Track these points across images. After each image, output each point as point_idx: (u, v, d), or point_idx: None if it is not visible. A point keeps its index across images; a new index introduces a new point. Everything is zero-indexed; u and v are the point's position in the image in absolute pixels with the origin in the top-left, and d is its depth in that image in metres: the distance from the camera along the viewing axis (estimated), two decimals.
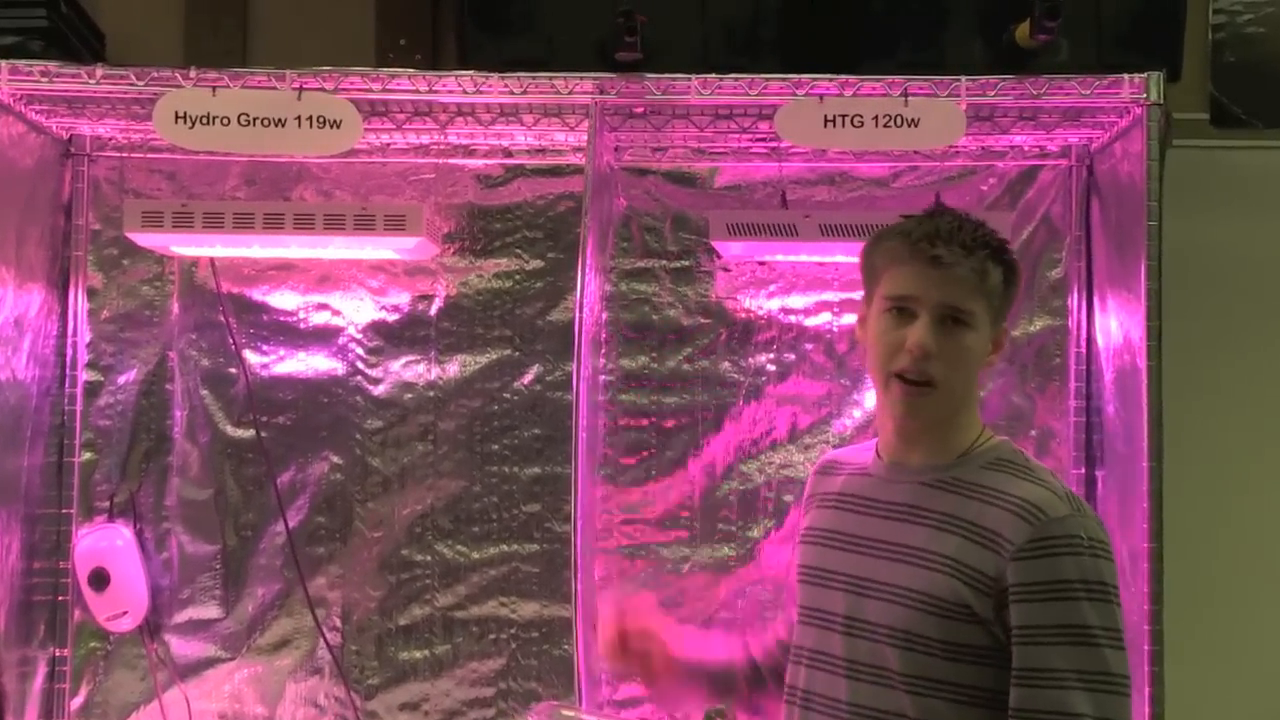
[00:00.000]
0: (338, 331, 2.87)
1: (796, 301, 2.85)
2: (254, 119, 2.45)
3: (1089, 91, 2.44)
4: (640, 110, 2.64)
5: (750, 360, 2.84)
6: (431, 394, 2.87)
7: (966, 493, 1.63)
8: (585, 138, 2.54)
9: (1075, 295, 2.77)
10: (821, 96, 2.45)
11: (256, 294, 2.87)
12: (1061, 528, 1.55)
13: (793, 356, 2.84)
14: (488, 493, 2.86)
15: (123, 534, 2.81)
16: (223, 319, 2.85)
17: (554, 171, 2.87)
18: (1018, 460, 1.67)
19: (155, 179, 2.86)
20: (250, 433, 2.85)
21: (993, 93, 2.45)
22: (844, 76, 2.46)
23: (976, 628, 1.57)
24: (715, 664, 1.95)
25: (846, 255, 2.66)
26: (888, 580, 1.64)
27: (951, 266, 1.62)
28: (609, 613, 1.96)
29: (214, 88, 2.46)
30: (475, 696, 2.84)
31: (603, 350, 2.79)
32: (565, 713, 2.08)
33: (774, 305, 2.85)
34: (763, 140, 2.76)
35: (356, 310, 2.87)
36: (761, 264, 2.84)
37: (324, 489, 2.86)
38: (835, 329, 2.84)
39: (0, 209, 2.56)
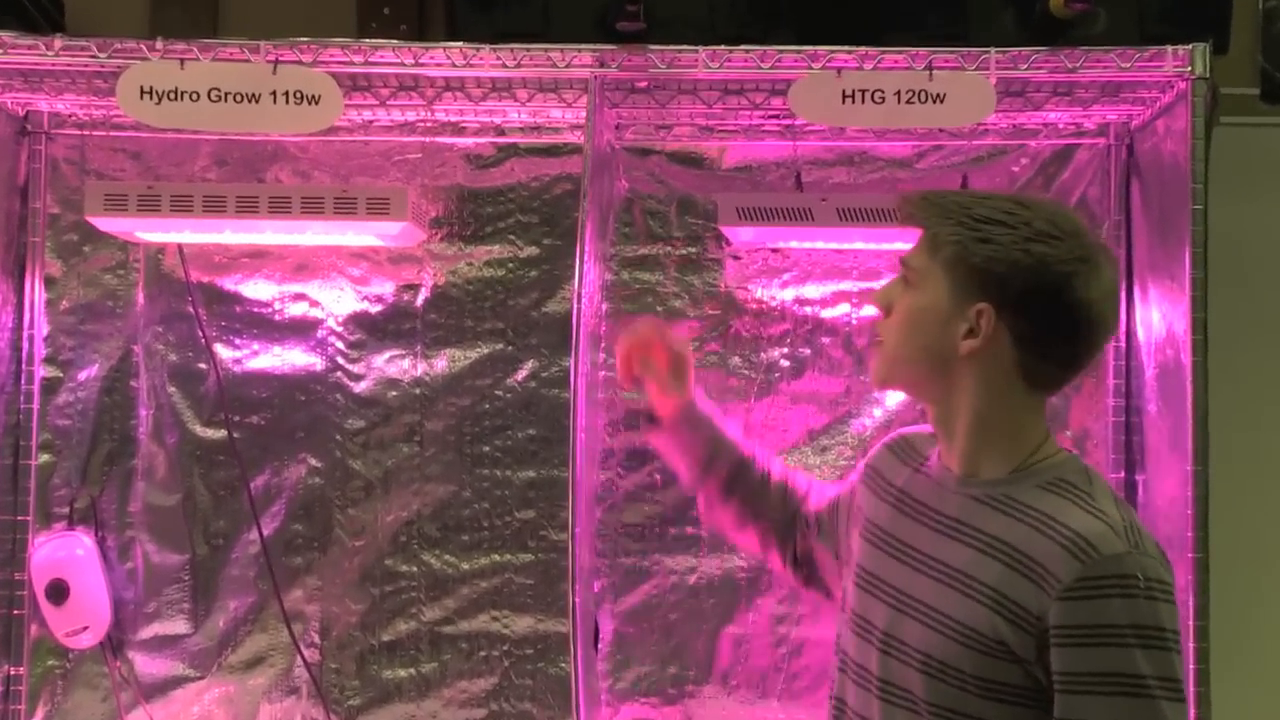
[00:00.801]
0: (316, 324, 2.87)
1: (812, 291, 2.85)
2: (225, 94, 2.45)
3: (1129, 65, 2.44)
4: (643, 85, 2.63)
5: (762, 355, 2.85)
6: (418, 391, 2.87)
7: (1017, 514, 1.60)
8: (584, 115, 2.54)
9: None
10: (839, 70, 2.45)
11: (228, 283, 2.87)
12: (1115, 567, 1.52)
13: (808, 351, 2.84)
14: (478, 498, 2.86)
15: (83, 543, 2.81)
16: (192, 310, 2.85)
17: (550, 151, 2.87)
18: (1079, 483, 1.62)
19: (118, 159, 2.86)
20: (221, 433, 2.85)
21: (1025, 66, 2.45)
22: (864, 48, 2.45)
23: (1014, 666, 1.55)
24: (718, 430, 2.07)
25: (866, 241, 2.65)
26: (927, 601, 1.62)
27: (917, 224, 1.68)
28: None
29: (182, 60, 2.46)
30: (465, 718, 2.84)
31: (602, 344, 2.79)
32: None
33: (788, 295, 2.85)
34: (776, 117, 2.76)
35: (336, 301, 2.87)
36: (774, 251, 2.84)
37: (301, 494, 2.86)
38: (854, 321, 2.83)
39: None
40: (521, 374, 2.87)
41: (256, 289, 2.88)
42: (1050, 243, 1.61)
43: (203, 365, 2.86)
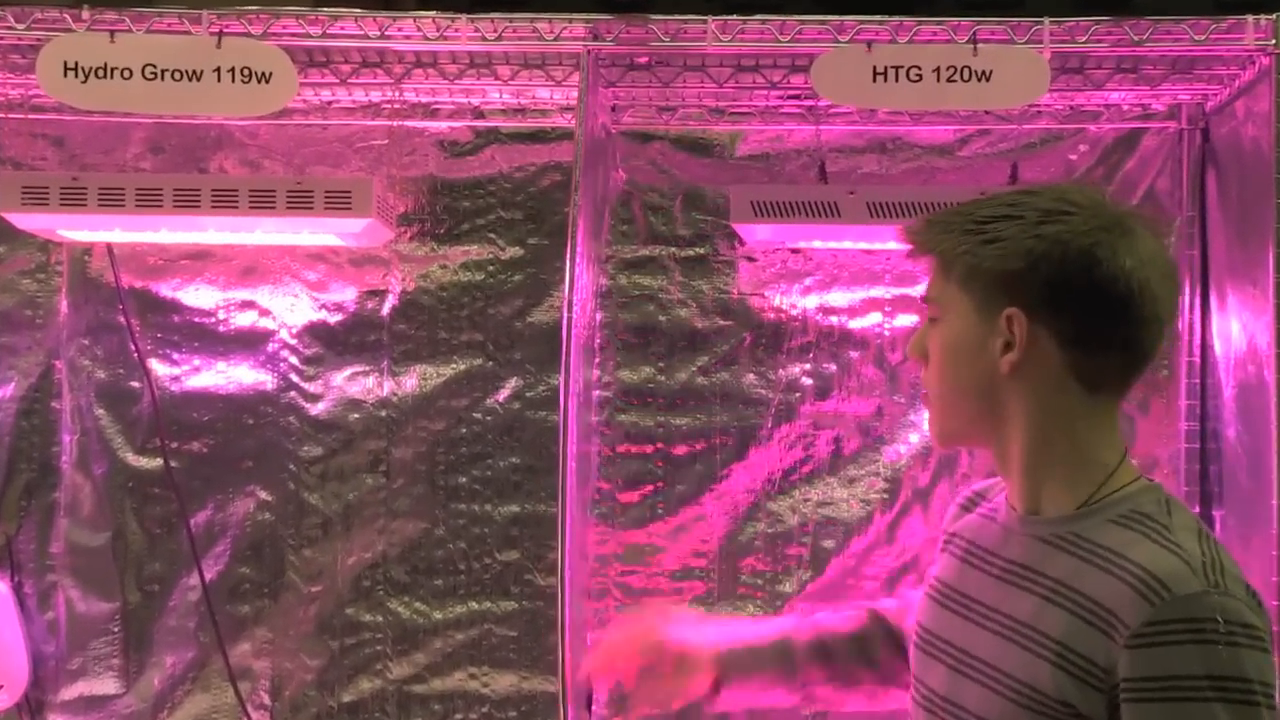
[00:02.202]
0: (267, 336, 2.87)
1: (838, 298, 2.84)
2: (162, 71, 2.44)
3: (1204, 37, 2.43)
4: (644, 60, 2.63)
5: (781, 372, 2.84)
6: (384, 414, 2.86)
7: (1084, 555, 1.59)
8: (575, 95, 2.53)
9: (1186, 291, 2.76)
10: (870, 43, 2.44)
11: (165, 289, 2.87)
12: (1189, 609, 1.49)
13: (834, 367, 2.84)
14: (453, 537, 2.85)
15: None
16: (123, 320, 2.84)
17: (536, 136, 2.87)
18: (1156, 515, 1.60)
19: (39, 145, 2.86)
20: (157, 462, 2.84)
21: (1084, 38, 2.44)
22: (898, 18, 2.45)
23: None
24: (763, 637, 2.03)
25: (901, 242, 2.64)
26: (987, 659, 1.61)
27: (924, 253, 1.67)
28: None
29: (112, 32, 2.45)
30: None
31: (597, 360, 2.78)
32: None
33: (810, 303, 2.84)
34: (796, 98, 2.76)
35: (290, 310, 2.87)
36: (795, 252, 2.84)
37: (249, 532, 2.85)
38: (887, 333, 2.83)
39: None
40: (503, 394, 2.86)
41: (198, 296, 2.87)
42: (1063, 219, 1.59)
43: (135, 384, 2.85)
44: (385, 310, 2.87)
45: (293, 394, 2.87)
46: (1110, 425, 1.69)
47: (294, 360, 2.87)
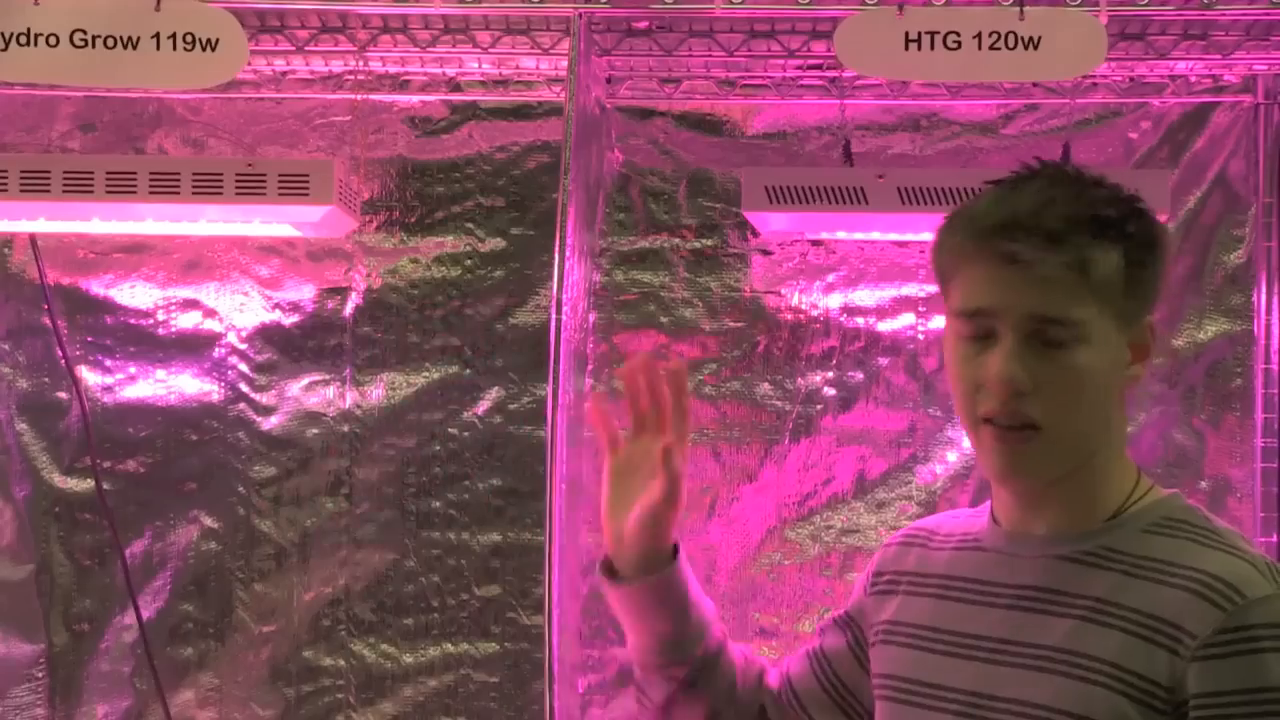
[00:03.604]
0: (213, 339, 2.87)
1: (865, 297, 2.84)
2: (93, 38, 2.44)
3: None
4: (643, 25, 2.63)
5: (800, 381, 2.84)
6: (346, 429, 2.86)
7: (1126, 568, 1.61)
8: (564, 64, 2.54)
9: (1264, 289, 2.76)
10: (901, 5, 2.44)
11: (96, 286, 2.87)
12: (1266, 613, 1.53)
13: (860, 376, 2.84)
14: (426, 569, 2.85)
15: None
16: (49, 321, 2.84)
17: (520, 112, 2.87)
18: (1194, 520, 1.63)
19: None
20: (88, 484, 2.84)
21: (1146, 0, 2.44)
22: None
23: None
24: (697, 603, 2.01)
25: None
26: (1018, 696, 1.62)
27: (1033, 265, 1.61)
28: None
29: None
30: None
31: (589, 367, 2.78)
32: None
33: (833, 303, 2.84)
34: (818, 68, 2.76)
35: (239, 310, 2.87)
36: (815, 244, 2.84)
37: (193, 564, 2.85)
38: (920, 336, 2.83)
39: None
40: (483, 406, 2.87)
41: (134, 294, 2.87)
42: (1143, 204, 1.64)
43: (63, 394, 2.85)
44: (348, 310, 2.88)
45: (242, 406, 2.87)
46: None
47: (243, 368, 2.87)
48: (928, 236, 2.71)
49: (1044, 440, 1.64)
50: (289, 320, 2.87)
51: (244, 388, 2.87)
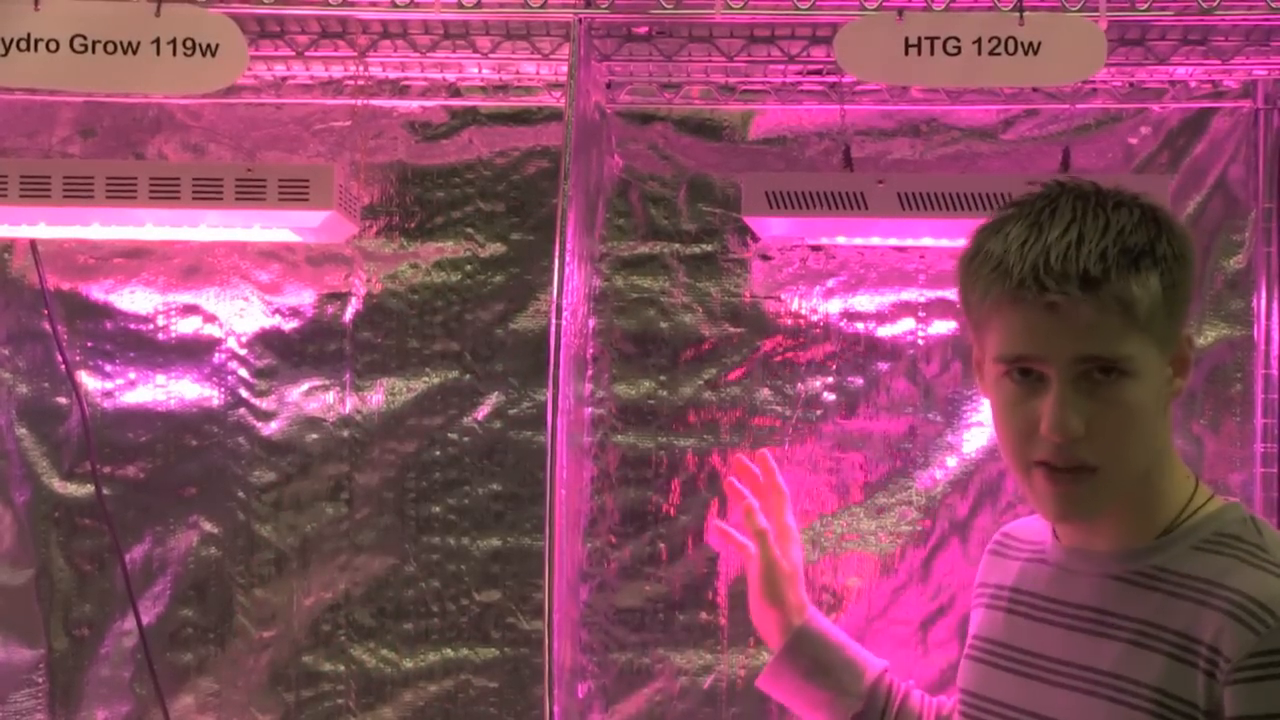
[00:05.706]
0: (212, 345, 2.87)
1: (865, 302, 2.84)
2: (93, 43, 2.44)
3: None
4: (643, 30, 2.63)
5: (800, 386, 2.84)
6: (346, 434, 2.86)
7: (1171, 589, 1.60)
8: (564, 70, 2.53)
9: (1263, 295, 2.76)
10: (901, 11, 2.44)
11: (96, 291, 2.87)
12: None
13: (860, 381, 2.83)
14: (425, 574, 2.85)
15: None
16: (48, 327, 2.84)
17: (520, 117, 2.87)
18: (1245, 535, 1.62)
19: None
20: (88, 489, 2.84)
21: (1145, 5, 2.44)
22: None
23: None
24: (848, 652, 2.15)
25: (937, 237, 2.64)
26: (1066, 718, 1.63)
27: (1076, 314, 1.58)
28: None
29: None
30: None
31: (590, 372, 2.78)
32: None
33: (833, 308, 2.84)
34: (817, 73, 2.76)
35: (239, 315, 2.87)
36: (815, 249, 2.84)
37: (192, 569, 2.85)
38: (920, 341, 2.83)
39: None
40: (483, 411, 2.86)
41: (133, 299, 2.87)
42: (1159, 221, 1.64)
43: (63, 399, 2.85)
44: (347, 316, 2.87)
45: (242, 411, 2.87)
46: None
47: (243, 373, 2.87)
48: (928, 242, 2.74)
49: (1099, 479, 1.63)
50: (289, 325, 2.87)
51: (244, 393, 2.87)
